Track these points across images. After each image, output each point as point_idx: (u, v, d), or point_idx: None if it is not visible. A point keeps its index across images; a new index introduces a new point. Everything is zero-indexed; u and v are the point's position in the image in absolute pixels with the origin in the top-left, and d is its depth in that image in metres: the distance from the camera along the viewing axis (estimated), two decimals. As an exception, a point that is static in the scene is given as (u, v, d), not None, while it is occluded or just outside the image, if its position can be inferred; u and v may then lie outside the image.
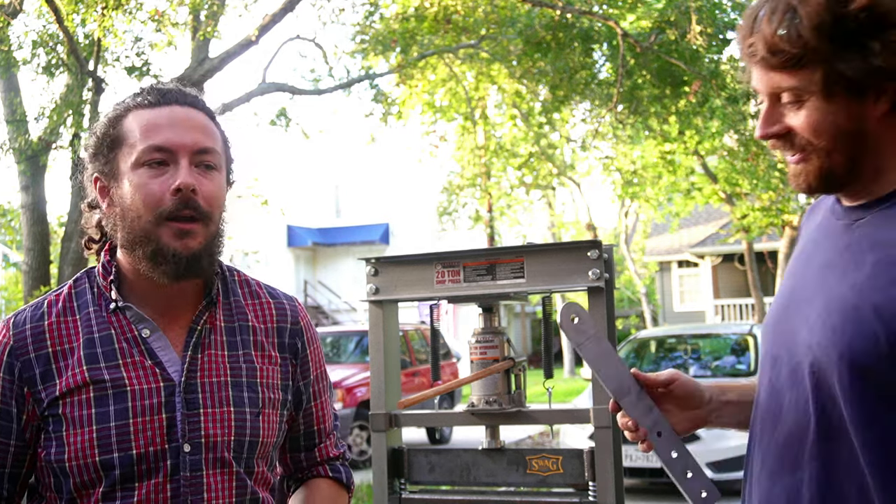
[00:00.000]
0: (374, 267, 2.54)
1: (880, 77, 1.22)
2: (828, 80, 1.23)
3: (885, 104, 1.25)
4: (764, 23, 1.26)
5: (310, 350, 1.65)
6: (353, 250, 28.33)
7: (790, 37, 1.23)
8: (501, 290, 2.41)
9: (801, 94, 1.26)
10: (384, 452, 2.55)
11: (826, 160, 1.28)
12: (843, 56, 1.22)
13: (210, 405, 1.47)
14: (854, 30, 1.21)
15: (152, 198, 1.43)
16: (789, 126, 1.29)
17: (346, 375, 11.03)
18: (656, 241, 26.08)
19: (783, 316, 1.38)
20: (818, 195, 1.39)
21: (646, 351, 10.22)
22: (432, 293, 2.49)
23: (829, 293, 1.27)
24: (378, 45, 12.90)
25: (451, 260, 2.47)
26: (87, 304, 1.50)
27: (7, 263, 18.80)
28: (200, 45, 10.25)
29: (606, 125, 15.07)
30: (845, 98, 1.24)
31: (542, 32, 11.14)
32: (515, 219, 22.83)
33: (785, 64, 1.25)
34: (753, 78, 1.32)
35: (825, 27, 1.21)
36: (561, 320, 1.57)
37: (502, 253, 2.44)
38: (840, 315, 1.23)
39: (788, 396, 1.32)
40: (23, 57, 8.89)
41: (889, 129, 1.27)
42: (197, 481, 1.44)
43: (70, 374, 1.43)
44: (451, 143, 18.66)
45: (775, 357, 1.38)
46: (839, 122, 1.26)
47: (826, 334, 1.24)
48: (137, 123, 1.48)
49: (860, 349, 1.19)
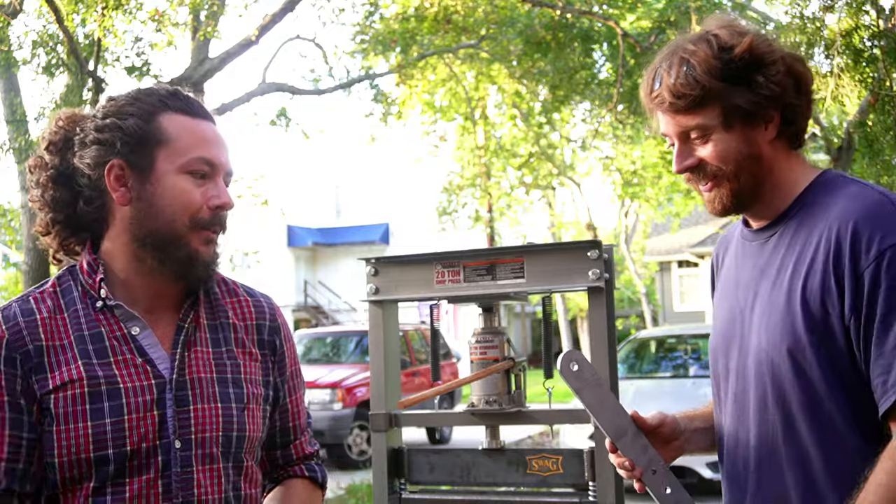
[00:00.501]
0: (374, 267, 2.54)
1: (768, 105, 1.49)
2: (726, 113, 1.48)
3: (773, 130, 1.52)
4: (664, 76, 1.50)
5: (286, 347, 1.69)
6: (353, 250, 28.32)
7: (689, 83, 1.47)
8: (501, 290, 2.41)
9: (706, 129, 1.50)
10: (384, 452, 2.55)
11: (735, 182, 1.52)
12: (735, 91, 1.48)
13: (199, 402, 1.49)
14: (741, 69, 1.47)
15: (194, 206, 1.50)
16: (700, 158, 1.52)
17: (346, 375, 11.03)
18: (656, 241, 26.07)
19: (730, 333, 1.58)
20: (731, 215, 1.59)
21: (646, 351, 10.21)
22: (432, 293, 2.49)
23: (764, 300, 1.49)
24: (378, 45, 12.90)
25: (451, 260, 2.47)
26: (74, 301, 1.50)
27: (7, 263, 18.81)
28: (200, 45, 10.25)
29: (606, 125, 15.07)
30: (742, 127, 1.50)
31: (542, 32, 11.13)
32: (515, 219, 22.80)
33: (688, 105, 1.48)
34: (662, 124, 1.55)
35: (716, 71, 1.47)
36: (560, 367, 1.64)
37: (502, 253, 2.44)
38: (778, 314, 1.45)
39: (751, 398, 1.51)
40: (23, 57, 8.88)
41: (778, 151, 1.54)
42: (187, 477, 1.46)
43: (65, 368, 1.44)
44: (451, 143, 18.66)
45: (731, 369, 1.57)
46: (740, 149, 1.50)
47: (770, 334, 1.46)
48: (181, 129, 1.52)
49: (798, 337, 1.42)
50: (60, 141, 1.56)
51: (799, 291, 1.42)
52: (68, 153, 1.54)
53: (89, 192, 1.52)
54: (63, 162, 1.55)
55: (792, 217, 1.52)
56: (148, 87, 1.58)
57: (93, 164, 1.50)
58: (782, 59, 1.50)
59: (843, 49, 8.46)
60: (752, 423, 1.53)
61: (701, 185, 1.55)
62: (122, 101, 1.54)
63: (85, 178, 1.51)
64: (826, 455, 1.43)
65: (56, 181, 1.54)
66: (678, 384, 8.97)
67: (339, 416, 10.53)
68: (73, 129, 1.56)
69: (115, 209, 1.52)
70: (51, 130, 1.58)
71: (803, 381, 1.43)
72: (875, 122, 9.51)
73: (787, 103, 1.51)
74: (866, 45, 8.65)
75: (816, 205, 1.49)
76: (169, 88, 1.57)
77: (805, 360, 1.42)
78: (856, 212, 1.41)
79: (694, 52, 1.49)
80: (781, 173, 1.54)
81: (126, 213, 1.51)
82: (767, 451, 1.50)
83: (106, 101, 1.57)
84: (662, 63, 1.52)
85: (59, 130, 1.57)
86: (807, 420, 1.43)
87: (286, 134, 26.20)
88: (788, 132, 1.54)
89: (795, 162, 1.57)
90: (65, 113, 1.60)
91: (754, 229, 1.59)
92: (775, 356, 1.45)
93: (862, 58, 8.59)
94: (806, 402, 1.43)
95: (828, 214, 1.44)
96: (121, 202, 1.51)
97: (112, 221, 1.53)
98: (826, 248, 1.41)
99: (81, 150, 1.51)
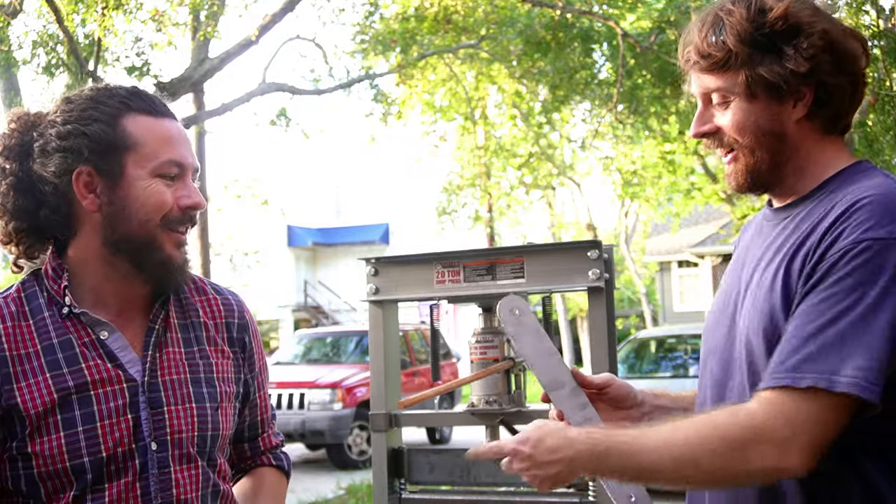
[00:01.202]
0: (374, 267, 2.54)
1: (796, 81, 1.37)
2: (749, 82, 1.38)
3: (802, 109, 1.39)
4: (696, 33, 1.43)
5: (254, 343, 1.70)
6: (353, 250, 28.31)
7: (716, 43, 1.39)
8: (501, 290, 2.41)
9: (728, 96, 1.41)
10: (384, 452, 2.55)
11: (751, 158, 1.42)
12: (762, 60, 1.37)
13: (173, 402, 1.49)
14: (771, 37, 1.37)
15: (165, 206, 1.48)
16: (718, 125, 1.44)
17: (346, 375, 11.03)
18: (656, 241, 26.06)
19: (723, 313, 1.49)
20: (748, 193, 1.49)
21: (646, 351, 10.21)
22: (432, 293, 2.49)
23: (756, 285, 1.41)
24: (378, 45, 12.90)
25: (451, 260, 2.47)
26: (40, 308, 1.48)
27: (7, 263, 18.80)
28: (200, 45, 10.26)
29: (606, 125, 15.07)
30: (766, 100, 1.39)
31: (542, 32, 11.14)
32: (515, 219, 22.81)
33: (712, 67, 1.40)
34: (691, 83, 1.47)
35: (746, 35, 1.37)
36: (500, 311, 1.59)
37: (502, 253, 2.44)
38: (762, 296, 1.37)
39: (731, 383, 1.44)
40: (23, 57, 8.88)
41: (807, 132, 1.41)
42: (165, 478, 1.47)
43: (33, 380, 1.42)
44: (451, 143, 18.65)
45: (717, 350, 1.49)
46: (761, 123, 1.40)
47: (752, 316, 1.38)
48: (148, 132, 1.49)
49: (775, 321, 1.33)
50: (16, 146, 1.51)
51: (782, 273, 1.35)
52: (27, 160, 1.49)
53: (54, 199, 1.48)
54: (22, 169, 1.49)
55: (809, 203, 1.40)
56: (106, 86, 1.54)
57: (58, 171, 1.46)
58: (824, 31, 1.36)
59: (843, 49, 8.46)
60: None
61: (721, 154, 1.47)
62: (81, 104, 1.50)
63: (49, 186, 1.47)
64: None
65: (16, 189, 1.49)
66: (678, 384, 8.97)
67: (339, 416, 10.53)
68: (27, 133, 1.51)
69: (82, 215, 1.49)
70: (4, 133, 1.53)
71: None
72: (875, 122, 9.51)
73: (821, 81, 1.37)
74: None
75: (836, 191, 1.37)
76: (128, 88, 1.54)
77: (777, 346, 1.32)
78: (860, 197, 1.31)
79: (730, 11, 1.39)
80: (809, 157, 1.42)
81: (96, 219, 1.48)
82: None
83: (62, 102, 1.52)
84: (699, 19, 1.44)
85: (13, 134, 1.52)
86: None
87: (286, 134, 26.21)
88: (823, 114, 1.40)
89: (830, 148, 1.43)
90: (15, 114, 1.54)
91: (774, 209, 1.49)
92: (754, 339, 1.37)
93: (862, 58, 8.59)
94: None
95: (832, 203, 1.35)
96: (90, 209, 1.48)
97: (80, 227, 1.51)
98: (816, 236, 1.33)
99: (43, 157, 1.47)
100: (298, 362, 12.39)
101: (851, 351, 1.24)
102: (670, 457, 1.29)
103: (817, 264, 1.30)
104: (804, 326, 1.27)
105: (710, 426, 1.29)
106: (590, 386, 1.58)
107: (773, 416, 1.25)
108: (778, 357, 1.29)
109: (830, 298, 1.27)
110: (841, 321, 1.25)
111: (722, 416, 1.30)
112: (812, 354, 1.25)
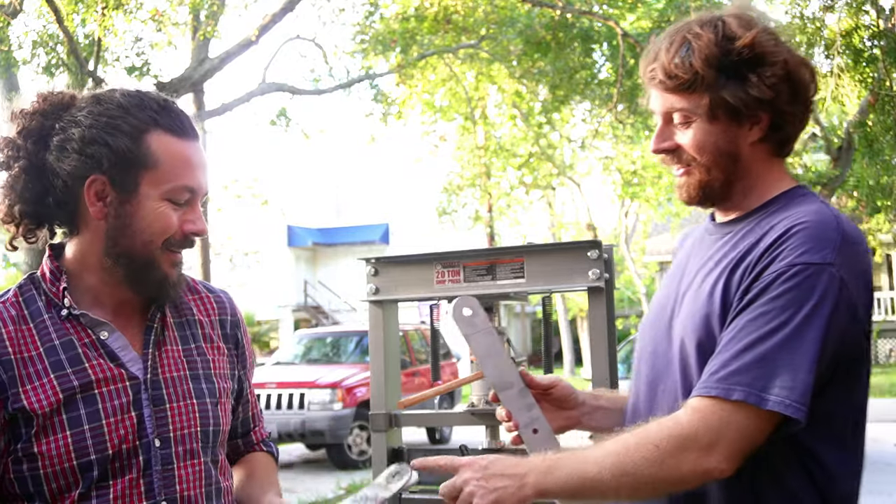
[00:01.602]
0: (374, 267, 2.54)
1: (756, 107, 1.45)
2: (712, 104, 1.45)
3: (758, 132, 1.48)
4: (664, 52, 1.48)
5: (245, 340, 1.72)
6: (353, 250, 28.32)
7: (683, 65, 1.45)
8: (501, 290, 2.41)
9: (690, 116, 1.48)
10: (384, 452, 2.55)
11: (706, 176, 1.50)
12: (727, 85, 1.44)
13: (175, 399, 1.51)
14: (738, 63, 1.44)
15: (170, 230, 1.49)
16: (678, 143, 1.51)
17: (346, 375, 11.02)
18: (656, 241, 26.06)
19: (659, 318, 1.57)
20: (696, 206, 1.57)
21: (646, 351, 10.20)
22: (432, 293, 2.49)
23: (694, 294, 1.49)
24: (378, 45, 12.91)
25: (451, 260, 2.47)
26: (39, 311, 1.48)
27: (7, 263, 18.81)
28: (200, 45, 10.26)
29: (606, 125, 15.07)
30: (726, 122, 1.47)
31: (542, 32, 11.14)
32: (515, 219, 22.82)
33: (678, 87, 1.46)
34: (652, 99, 1.53)
35: (713, 59, 1.44)
36: (453, 312, 1.63)
37: (502, 253, 2.44)
38: (699, 306, 1.45)
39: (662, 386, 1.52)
40: (23, 57, 8.88)
41: (758, 154, 1.50)
42: (169, 474, 1.48)
43: (38, 382, 1.42)
44: (451, 143, 18.66)
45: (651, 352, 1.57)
46: (719, 144, 1.48)
47: (687, 325, 1.46)
48: (169, 153, 1.48)
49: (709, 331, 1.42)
50: (36, 129, 1.49)
51: (721, 285, 1.43)
52: (44, 149, 1.48)
53: (62, 195, 1.48)
54: (36, 154, 1.48)
55: (752, 220, 1.49)
56: (139, 94, 1.51)
57: (73, 173, 1.46)
58: (785, 62, 1.45)
59: (843, 49, 8.46)
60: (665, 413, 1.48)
61: (674, 169, 1.55)
62: (111, 110, 1.47)
63: (60, 181, 1.47)
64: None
65: (28, 172, 1.48)
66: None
67: (339, 416, 10.53)
68: (50, 118, 1.49)
69: (87, 218, 1.49)
70: (27, 111, 1.50)
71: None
72: (875, 122, 9.51)
73: (778, 108, 1.46)
74: (866, 45, 8.65)
75: (776, 213, 1.47)
76: (160, 101, 1.52)
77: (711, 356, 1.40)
78: (798, 222, 1.40)
79: (698, 35, 1.46)
80: (758, 177, 1.52)
81: (100, 226, 1.48)
82: None
83: (91, 100, 1.50)
84: (666, 39, 1.50)
85: (36, 115, 1.50)
86: None
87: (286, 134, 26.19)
88: (775, 138, 1.50)
89: (776, 170, 1.53)
90: (45, 94, 1.52)
91: (717, 223, 1.58)
92: (688, 345, 1.45)
93: (862, 58, 8.59)
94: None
95: (772, 223, 1.44)
96: (96, 216, 1.48)
97: (83, 229, 1.51)
98: (755, 254, 1.41)
99: (60, 153, 1.46)
100: (298, 362, 12.39)
101: (780, 369, 1.32)
102: (610, 466, 1.35)
103: (753, 282, 1.38)
104: (737, 341, 1.35)
105: (643, 437, 1.37)
106: (537, 387, 1.62)
107: (701, 424, 1.34)
108: (710, 367, 1.37)
109: (763, 316, 1.35)
110: (771, 339, 1.33)
111: (653, 427, 1.38)
112: (742, 369, 1.33)
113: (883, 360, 23.65)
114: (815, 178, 14.32)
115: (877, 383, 18.26)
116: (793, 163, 14.87)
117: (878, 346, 23.74)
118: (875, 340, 23.65)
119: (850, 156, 13.69)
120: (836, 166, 14.20)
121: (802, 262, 1.35)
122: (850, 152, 13.70)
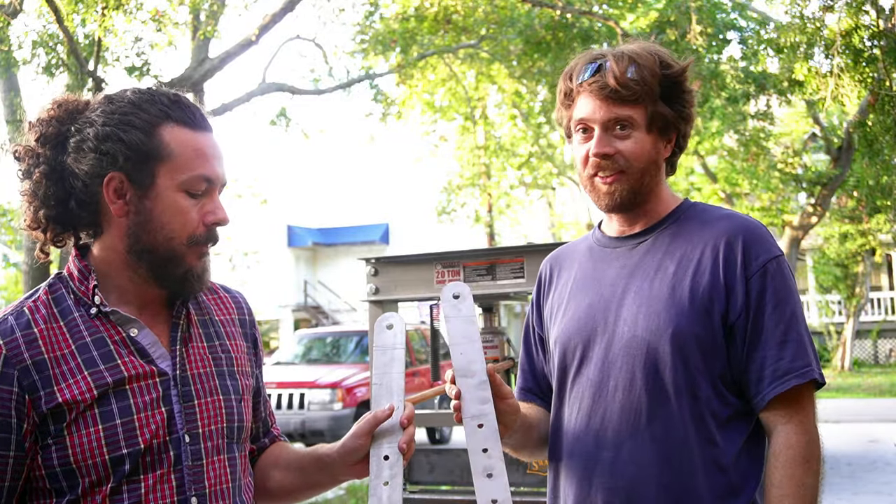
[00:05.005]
0: (374, 267, 2.54)
1: (676, 124, 1.69)
2: (651, 116, 1.66)
3: (669, 149, 1.72)
4: (613, 66, 1.65)
5: (259, 340, 1.75)
6: (353, 250, 28.31)
7: (636, 78, 1.64)
8: (501, 290, 2.41)
9: (632, 125, 1.66)
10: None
11: (637, 182, 1.68)
12: (662, 102, 1.66)
13: (203, 395, 1.53)
14: (672, 86, 1.67)
15: (190, 225, 1.50)
16: (618, 149, 1.66)
17: (346, 375, 11.03)
18: (656, 241, 26.04)
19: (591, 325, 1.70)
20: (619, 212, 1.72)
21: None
22: (432, 293, 2.49)
23: (641, 295, 1.65)
24: (378, 45, 12.91)
25: (451, 260, 2.47)
26: (69, 309, 1.50)
27: (7, 263, 18.83)
28: (200, 45, 10.26)
29: (606, 125, 15.03)
30: (657, 135, 1.68)
31: (542, 32, 11.15)
32: (515, 219, 22.82)
33: (627, 98, 1.64)
34: (586, 109, 1.67)
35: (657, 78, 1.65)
36: (443, 293, 1.65)
37: (502, 253, 2.44)
38: (661, 304, 1.62)
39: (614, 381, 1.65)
40: (23, 57, 8.89)
41: (662, 169, 1.74)
42: (198, 469, 1.49)
43: (72, 380, 1.44)
44: (451, 143, 18.66)
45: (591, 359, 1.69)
46: (650, 153, 1.68)
47: (650, 321, 1.62)
48: (183, 145, 1.50)
49: (683, 325, 1.60)
50: (53, 135, 1.52)
51: (687, 286, 1.62)
52: (62, 153, 1.51)
53: (83, 195, 1.50)
54: (55, 159, 1.51)
55: (666, 228, 1.71)
56: (149, 91, 1.54)
57: (91, 172, 1.48)
58: (692, 90, 1.72)
59: (843, 49, 8.46)
60: (615, 407, 1.64)
61: (602, 175, 1.67)
62: (123, 107, 1.50)
63: (79, 182, 1.49)
64: (696, 423, 1.60)
65: (49, 177, 1.51)
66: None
67: (339, 416, 10.53)
68: (66, 122, 1.52)
69: (109, 217, 1.51)
70: (43, 118, 1.54)
71: (682, 363, 1.60)
72: (875, 122, 9.52)
73: (683, 131, 1.71)
74: (866, 45, 8.65)
75: (692, 221, 1.70)
76: (171, 95, 1.54)
77: (686, 345, 1.60)
78: (741, 230, 1.65)
79: (641, 55, 1.66)
80: (662, 189, 1.74)
81: (122, 224, 1.50)
82: (630, 431, 1.62)
83: (103, 101, 1.53)
84: (609, 55, 1.67)
85: (52, 121, 1.53)
86: (682, 396, 1.60)
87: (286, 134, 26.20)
88: (672, 157, 1.75)
89: (666, 184, 1.78)
90: (59, 100, 1.55)
91: (618, 237, 1.75)
92: (654, 340, 1.61)
93: (862, 58, 8.59)
94: (684, 381, 1.60)
95: (711, 229, 1.67)
96: (117, 214, 1.50)
97: (106, 228, 1.52)
98: (714, 254, 1.63)
99: (78, 154, 1.49)
100: (298, 362, 12.39)
101: (809, 346, 1.62)
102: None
103: (746, 277, 1.61)
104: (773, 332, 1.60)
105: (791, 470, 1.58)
106: (497, 391, 1.64)
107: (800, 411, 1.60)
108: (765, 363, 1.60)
109: (778, 308, 1.60)
110: (795, 324, 1.61)
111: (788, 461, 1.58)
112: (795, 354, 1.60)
113: (883, 360, 23.63)
114: (814, 177, 14.34)
115: (877, 383, 18.24)
116: (793, 163, 14.89)
117: (879, 346, 23.72)
118: (875, 340, 23.62)
119: (850, 156, 13.70)
120: (836, 166, 14.21)
121: (774, 255, 1.63)
122: (849, 152, 13.70)
